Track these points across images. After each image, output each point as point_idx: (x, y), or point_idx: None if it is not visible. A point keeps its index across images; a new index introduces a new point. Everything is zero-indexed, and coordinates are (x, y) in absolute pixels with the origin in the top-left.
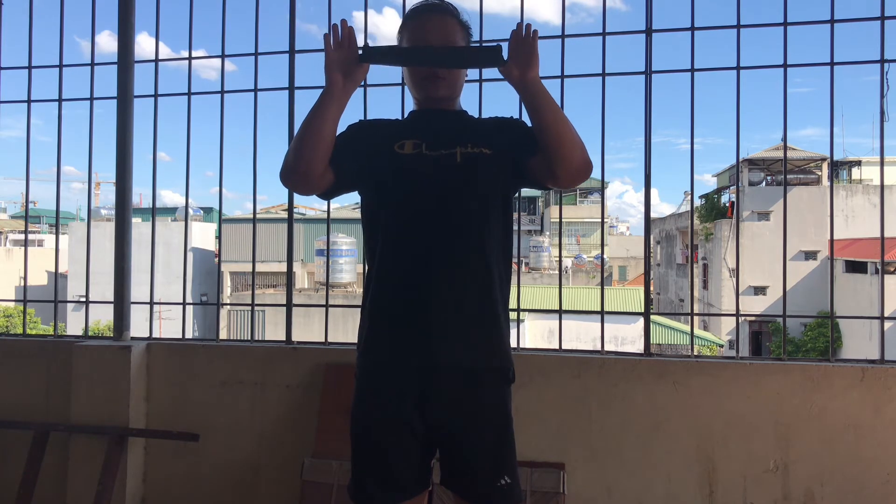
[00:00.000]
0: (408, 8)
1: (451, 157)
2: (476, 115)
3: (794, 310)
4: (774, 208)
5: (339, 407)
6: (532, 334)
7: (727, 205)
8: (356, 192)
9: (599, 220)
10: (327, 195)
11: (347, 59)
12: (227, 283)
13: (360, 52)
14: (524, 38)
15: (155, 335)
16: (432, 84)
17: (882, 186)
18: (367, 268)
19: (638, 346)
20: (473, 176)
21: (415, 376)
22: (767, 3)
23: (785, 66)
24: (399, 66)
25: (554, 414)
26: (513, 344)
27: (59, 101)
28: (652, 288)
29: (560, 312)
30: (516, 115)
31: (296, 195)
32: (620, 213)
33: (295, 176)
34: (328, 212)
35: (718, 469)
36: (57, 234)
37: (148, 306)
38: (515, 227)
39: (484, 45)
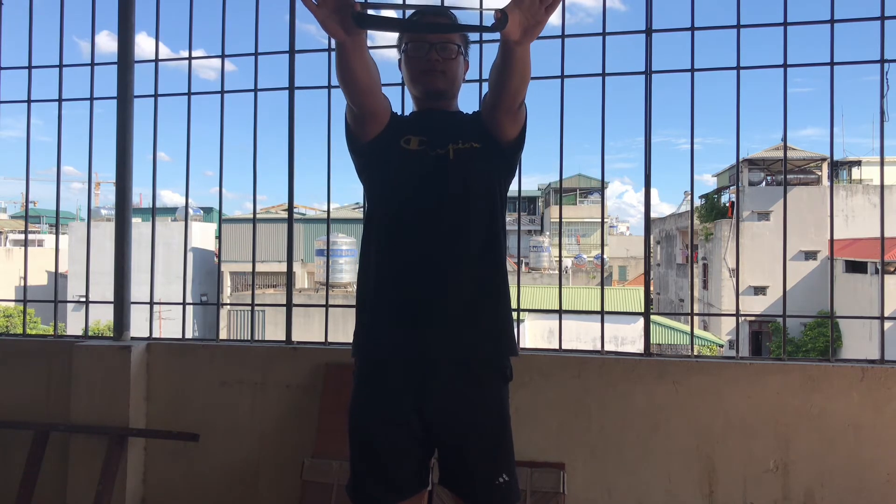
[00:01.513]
0: (408, 14)
1: (445, 156)
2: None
3: (794, 310)
4: (774, 208)
5: (339, 407)
6: (532, 334)
7: (727, 205)
8: (354, 193)
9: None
10: (376, 117)
11: (338, 8)
12: (227, 283)
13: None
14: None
15: (155, 335)
16: (430, 77)
17: (882, 186)
18: (363, 263)
19: (638, 346)
20: (467, 171)
21: (413, 376)
22: (767, 3)
23: (785, 66)
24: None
25: (554, 414)
26: None
27: (59, 101)
28: (652, 288)
29: (560, 312)
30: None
31: (296, 198)
32: (620, 213)
33: (355, 87)
34: (328, 212)
35: (718, 469)
36: (57, 234)
37: (148, 306)
38: (515, 228)
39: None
